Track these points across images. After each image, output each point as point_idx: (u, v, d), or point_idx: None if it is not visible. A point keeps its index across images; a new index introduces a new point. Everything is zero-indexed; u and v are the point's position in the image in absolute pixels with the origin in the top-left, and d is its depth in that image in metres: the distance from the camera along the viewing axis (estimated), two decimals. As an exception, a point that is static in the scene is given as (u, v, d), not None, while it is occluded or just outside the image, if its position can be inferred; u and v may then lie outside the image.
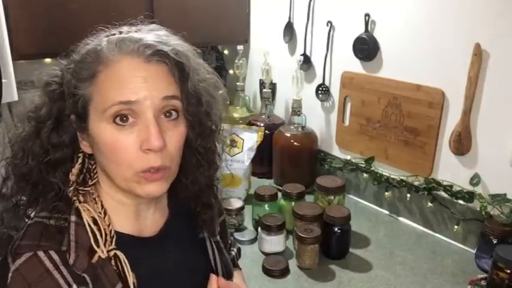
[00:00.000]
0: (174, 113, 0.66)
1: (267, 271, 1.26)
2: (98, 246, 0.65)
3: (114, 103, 0.62)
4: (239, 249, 1.06)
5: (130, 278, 0.65)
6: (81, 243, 0.64)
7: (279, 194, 1.50)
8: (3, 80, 1.16)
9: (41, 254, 0.62)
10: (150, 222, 0.75)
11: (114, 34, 0.68)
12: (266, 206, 1.46)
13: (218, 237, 0.86)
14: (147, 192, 0.66)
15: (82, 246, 0.64)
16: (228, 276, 0.83)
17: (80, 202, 0.68)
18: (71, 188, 0.68)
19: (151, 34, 0.67)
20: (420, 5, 1.40)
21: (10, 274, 0.61)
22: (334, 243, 1.33)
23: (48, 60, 1.41)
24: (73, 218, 0.66)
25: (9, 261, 0.62)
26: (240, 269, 0.98)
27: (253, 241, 1.42)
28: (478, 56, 1.25)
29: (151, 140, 0.62)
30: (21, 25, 1.36)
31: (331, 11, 1.67)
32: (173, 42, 0.68)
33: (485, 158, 1.32)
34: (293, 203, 1.44)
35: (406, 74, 1.47)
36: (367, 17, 1.53)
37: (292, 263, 1.31)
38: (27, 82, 0.70)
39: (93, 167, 0.71)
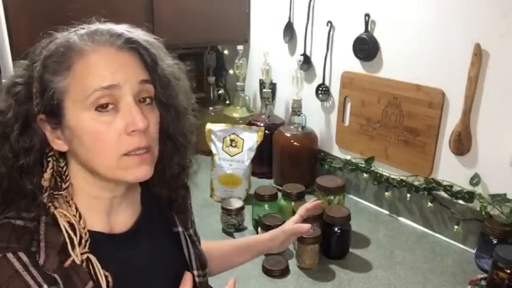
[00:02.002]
0: (148, 99, 0.69)
1: (267, 271, 1.26)
2: (74, 251, 0.64)
3: (97, 89, 0.63)
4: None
5: (103, 279, 0.65)
6: (51, 244, 0.64)
7: (279, 194, 1.50)
8: (3, 80, 1.17)
9: (10, 255, 0.61)
10: (122, 218, 0.75)
11: (77, 30, 0.69)
12: (266, 206, 1.46)
13: (191, 231, 0.87)
14: (137, 176, 0.67)
15: (52, 247, 0.63)
16: (202, 268, 0.84)
17: (55, 208, 0.67)
18: (45, 194, 0.67)
19: (117, 26, 0.70)
20: (420, 5, 1.40)
21: None
22: (334, 243, 1.33)
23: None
24: (43, 218, 0.65)
25: None
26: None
27: (253, 241, 1.42)
28: (478, 56, 1.26)
29: (137, 121, 0.64)
30: (21, 25, 1.36)
31: (331, 11, 1.67)
32: (138, 32, 0.71)
33: (485, 158, 1.33)
34: (293, 203, 1.44)
35: (406, 74, 1.47)
36: (367, 17, 1.53)
37: (292, 263, 1.31)
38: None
39: (64, 169, 0.70)
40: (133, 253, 0.74)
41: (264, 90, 1.87)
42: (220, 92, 2.24)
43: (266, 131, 1.75)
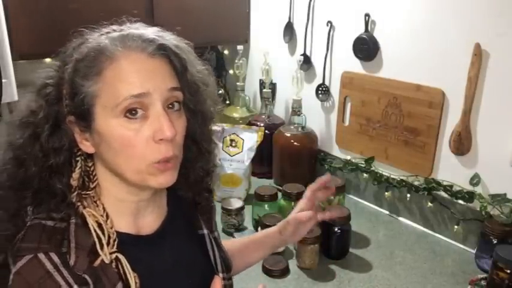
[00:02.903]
0: (176, 104, 0.69)
1: (267, 271, 1.26)
2: (102, 250, 0.65)
3: (126, 97, 0.63)
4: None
5: (132, 279, 0.66)
6: (80, 244, 0.64)
7: (279, 194, 1.50)
8: (3, 80, 1.17)
9: (41, 256, 0.61)
10: (148, 220, 0.75)
11: (109, 32, 0.68)
12: (266, 206, 1.46)
13: (216, 234, 0.87)
14: (161, 182, 0.68)
15: (82, 247, 0.64)
16: (228, 270, 0.84)
17: (84, 207, 0.68)
18: (74, 194, 0.68)
19: (149, 29, 0.69)
20: (420, 5, 1.40)
21: (11, 276, 0.60)
22: (334, 243, 1.33)
23: (48, 60, 1.41)
24: (72, 219, 0.66)
25: (10, 263, 0.62)
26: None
27: (253, 241, 1.42)
28: (478, 56, 1.25)
29: (164, 130, 0.64)
30: (21, 25, 1.36)
31: (331, 11, 1.67)
32: (169, 36, 0.70)
33: (485, 158, 1.33)
34: (293, 203, 1.43)
35: (406, 74, 1.47)
36: (367, 17, 1.53)
37: (292, 263, 1.31)
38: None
39: (91, 169, 0.71)
40: (158, 255, 0.74)
41: (264, 90, 1.87)
42: (220, 92, 2.24)
43: (266, 131, 1.75)
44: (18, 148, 0.67)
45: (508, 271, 1.10)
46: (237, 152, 1.68)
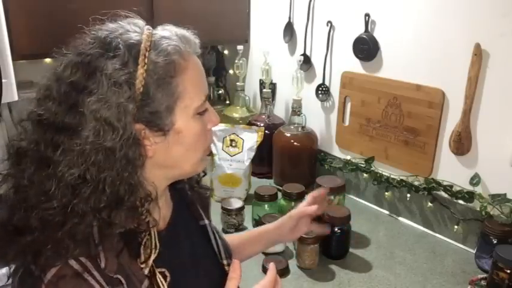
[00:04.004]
0: None
1: (267, 271, 1.26)
2: (150, 259, 0.66)
3: (203, 98, 0.70)
4: None
5: (159, 276, 0.66)
6: (107, 246, 0.62)
7: (279, 194, 1.50)
8: (3, 80, 1.17)
9: (72, 262, 0.59)
10: (159, 216, 0.75)
11: (172, 31, 0.69)
12: (266, 206, 1.46)
13: (213, 223, 0.89)
14: (203, 168, 0.78)
15: (108, 249, 0.62)
16: (230, 257, 0.86)
17: (150, 214, 0.66)
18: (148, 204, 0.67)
19: (182, 29, 0.72)
20: (420, 5, 1.40)
21: (43, 287, 0.58)
22: (334, 243, 1.33)
23: (48, 60, 1.41)
24: (94, 222, 0.62)
25: (36, 273, 0.59)
26: None
27: (253, 241, 1.42)
28: (478, 56, 1.25)
29: (217, 119, 0.74)
30: (21, 25, 1.36)
31: (331, 11, 1.67)
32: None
33: (485, 158, 1.32)
34: (293, 203, 1.44)
35: (406, 74, 1.47)
36: (367, 17, 1.53)
37: (292, 263, 1.31)
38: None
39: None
40: (176, 249, 0.76)
41: (264, 90, 1.87)
42: (220, 92, 2.24)
43: (266, 131, 1.75)
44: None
45: (508, 271, 1.10)
46: (237, 152, 1.68)
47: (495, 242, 1.23)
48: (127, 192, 0.62)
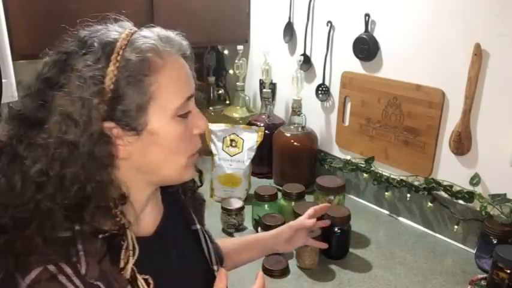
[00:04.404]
0: None
1: (267, 271, 1.26)
2: (128, 263, 0.64)
3: (184, 99, 0.67)
4: None
5: (140, 281, 0.65)
6: (89, 252, 0.62)
7: (279, 194, 1.50)
8: (3, 80, 1.17)
9: (51, 267, 0.59)
10: (148, 221, 0.75)
11: (153, 30, 0.68)
12: (266, 206, 1.46)
13: (206, 227, 0.88)
14: (190, 176, 0.74)
15: (90, 255, 0.62)
16: (221, 263, 0.85)
17: (124, 217, 0.65)
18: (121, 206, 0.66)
19: (169, 31, 0.70)
20: (420, 5, 1.40)
21: None
22: (334, 243, 1.33)
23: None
24: (76, 227, 0.62)
25: (17, 277, 0.59)
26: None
27: (253, 241, 1.42)
28: (478, 56, 1.25)
29: (203, 124, 0.70)
30: (21, 25, 1.36)
31: (331, 11, 1.67)
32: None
33: (485, 158, 1.32)
34: (293, 203, 1.44)
35: (406, 74, 1.47)
36: (367, 17, 1.53)
37: (292, 263, 1.31)
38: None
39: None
40: (163, 255, 0.74)
41: (264, 90, 1.87)
42: (220, 92, 2.24)
43: (266, 131, 1.75)
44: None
45: (508, 271, 1.10)
46: (237, 152, 1.68)
47: (495, 242, 1.23)
48: (95, 191, 0.61)
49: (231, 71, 2.20)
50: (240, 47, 1.97)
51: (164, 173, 0.69)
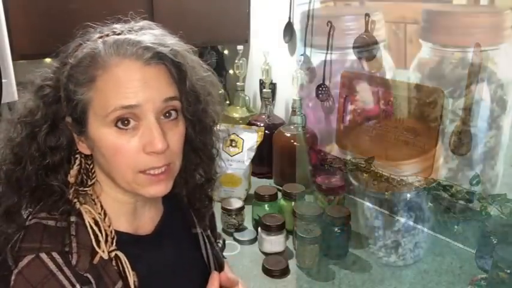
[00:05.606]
0: (173, 113, 0.67)
1: (267, 271, 1.26)
2: (100, 247, 0.65)
3: (117, 108, 0.62)
4: (224, 241, 1.15)
5: (131, 277, 0.66)
6: (82, 244, 0.64)
7: (279, 194, 1.50)
8: (3, 80, 1.17)
9: (43, 255, 0.61)
10: (146, 219, 0.75)
11: (108, 35, 0.67)
12: (266, 206, 1.46)
13: (208, 231, 0.87)
14: (152, 193, 0.67)
15: (83, 247, 0.64)
16: (220, 268, 0.85)
17: (80, 204, 0.68)
18: (71, 190, 0.68)
19: (148, 35, 0.66)
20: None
21: (13, 277, 0.60)
22: (334, 243, 1.33)
23: (48, 60, 1.41)
24: (73, 218, 0.66)
25: (10, 263, 0.62)
26: (225, 258, 0.98)
27: (253, 241, 1.42)
28: (478, 56, 1.25)
29: (155, 143, 0.62)
30: (21, 25, 1.36)
31: (331, 11, 1.67)
32: (170, 41, 0.68)
33: (485, 158, 1.32)
34: (293, 203, 1.44)
35: (406, 74, 1.47)
36: (367, 17, 1.53)
37: (292, 263, 1.31)
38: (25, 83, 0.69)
39: (91, 167, 0.71)
40: (158, 254, 0.74)
41: (264, 90, 1.87)
42: (220, 92, 2.24)
43: (266, 131, 1.75)
44: (16, 146, 0.67)
45: (508, 271, 1.10)
46: (237, 152, 1.68)
47: (495, 242, 1.23)
48: (50, 171, 0.67)
49: (231, 71, 2.20)
50: (240, 47, 1.97)
51: (116, 181, 0.67)
